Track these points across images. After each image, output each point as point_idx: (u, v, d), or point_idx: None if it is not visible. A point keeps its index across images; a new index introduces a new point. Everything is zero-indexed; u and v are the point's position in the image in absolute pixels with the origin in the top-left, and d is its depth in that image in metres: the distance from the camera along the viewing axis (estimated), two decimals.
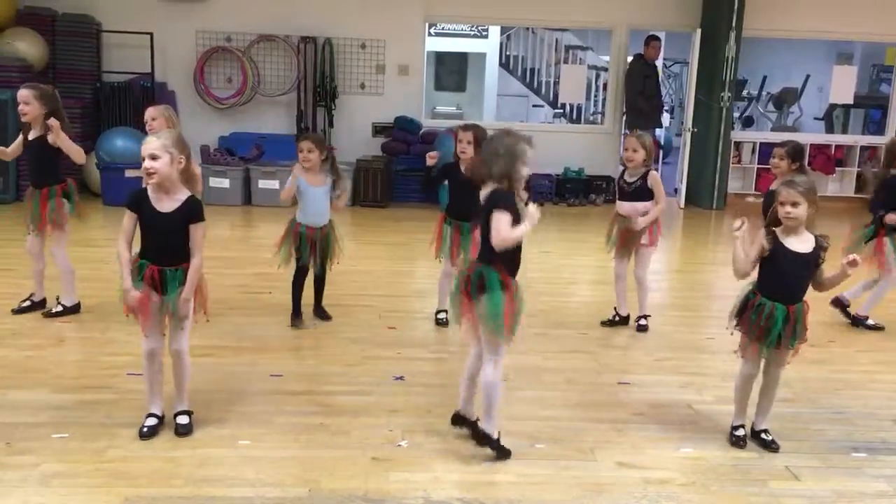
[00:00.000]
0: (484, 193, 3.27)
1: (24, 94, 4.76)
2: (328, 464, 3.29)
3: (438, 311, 5.19)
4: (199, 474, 3.18)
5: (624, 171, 5.15)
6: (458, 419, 3.57)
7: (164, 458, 3.29)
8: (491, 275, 3.22)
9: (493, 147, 3.26)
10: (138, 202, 3.35)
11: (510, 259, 3.27)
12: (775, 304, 3.39)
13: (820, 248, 3.37)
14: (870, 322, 5.43)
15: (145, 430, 3.47)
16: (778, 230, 3.40)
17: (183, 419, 3.53)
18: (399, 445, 3.48)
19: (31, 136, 4.84)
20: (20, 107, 4.75)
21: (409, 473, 3.25)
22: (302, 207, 4.88)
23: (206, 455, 3.33)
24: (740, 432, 3.62)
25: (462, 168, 4.62)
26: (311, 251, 4.89)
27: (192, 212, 3.37)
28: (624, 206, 5.08)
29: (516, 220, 3.19)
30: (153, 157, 3.27)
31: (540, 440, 3.58)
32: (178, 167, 3.32)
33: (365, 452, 3.40)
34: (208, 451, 3.37)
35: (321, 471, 3.23)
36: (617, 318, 5.28)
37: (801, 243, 3.37)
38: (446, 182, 4.89)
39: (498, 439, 3.39)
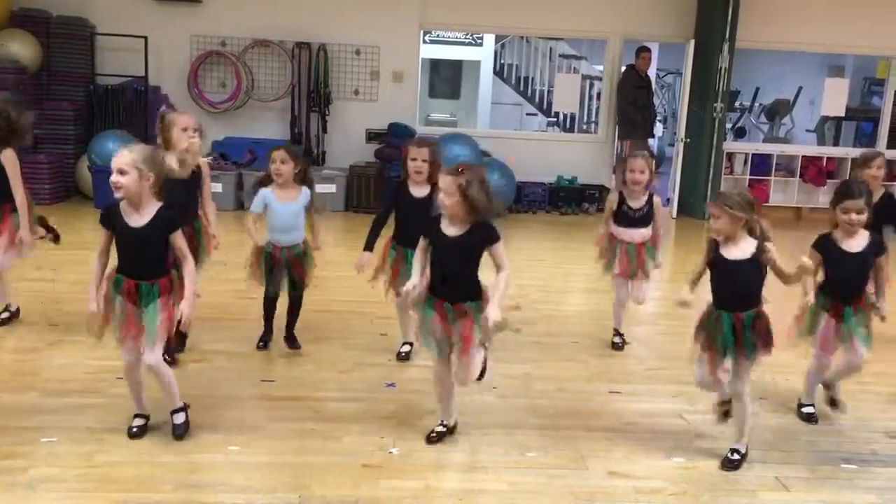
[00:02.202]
0: (460, 228, 3.31)
1: None
2: (319, 470, 3.28)
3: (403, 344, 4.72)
4: (188, 480, 3.16)
5: (623, 196, 4.80)
6: (449, 430, 3.62)
7: (154, 463, 3.28)
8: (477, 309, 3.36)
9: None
10: (109, 218, 3.33)
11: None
12: (721, 312, 3.42)
13: (760, 251, 3.35)
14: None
15: (134, 429, 3.48)
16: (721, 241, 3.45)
17: (179, 417, 3.51)
18: (390, 453, 3.47)
19: None
20: None
21: (400, 481, 3.24)
22: (268, 223, 4.45)
23: (196, 460, 3.32)
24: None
25: (411, 187, 4.33)
26: (276, 275, 4.45)
27: (165, 224, 3.32)
28: (628, 233, 4.83)
29: None
30: (121, 172, 3.22)
31: (531, 449, 3.58)
32: (147, 184, 3.27)
33: (356, 459, 3.39)
34: (198, 456, 3.36)
35: (312, 477, 3.22)
36: (623, 340, 5.12)
37: (739, 251, 3.39)
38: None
39: None
